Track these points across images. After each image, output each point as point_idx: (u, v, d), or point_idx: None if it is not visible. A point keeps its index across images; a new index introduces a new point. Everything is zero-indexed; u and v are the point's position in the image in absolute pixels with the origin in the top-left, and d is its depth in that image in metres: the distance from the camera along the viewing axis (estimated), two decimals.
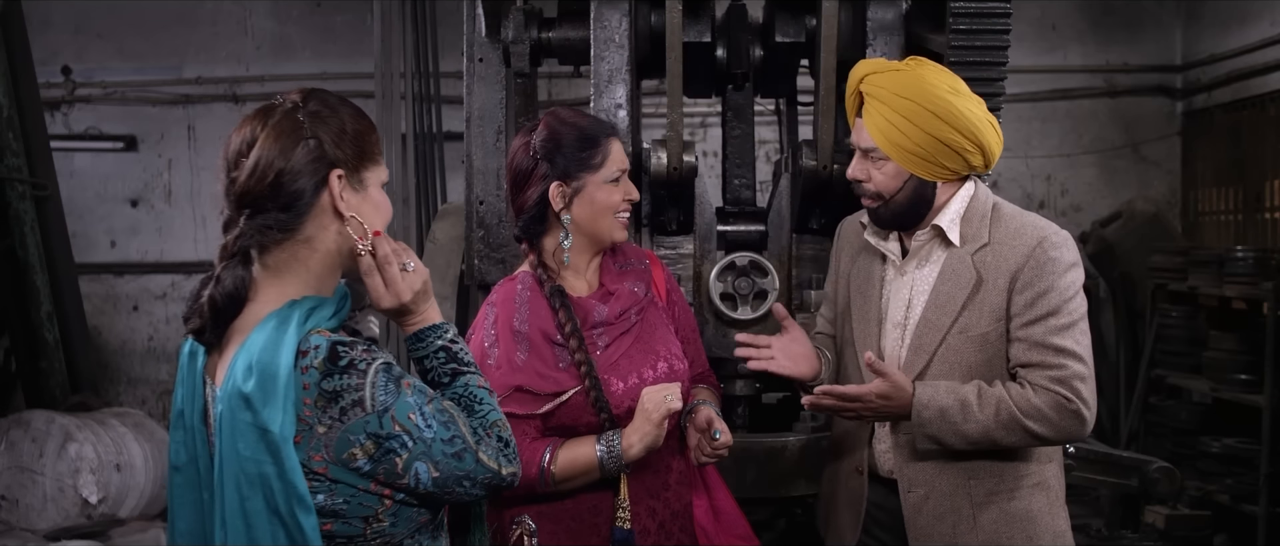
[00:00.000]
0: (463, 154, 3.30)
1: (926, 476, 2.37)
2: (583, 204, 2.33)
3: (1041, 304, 2.26)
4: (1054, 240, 2.30)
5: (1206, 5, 7.68)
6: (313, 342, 1.61)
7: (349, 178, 1.71)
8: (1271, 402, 5.47)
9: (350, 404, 1.60)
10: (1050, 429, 2.25)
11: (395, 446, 1.63)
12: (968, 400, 2.25)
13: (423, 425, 1.65)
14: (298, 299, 1.67)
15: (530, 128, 2.38)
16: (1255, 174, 7.18)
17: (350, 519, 1.66)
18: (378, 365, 1.63)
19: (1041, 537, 2.35)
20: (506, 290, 2.37)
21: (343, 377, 1.60)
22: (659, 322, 2.44)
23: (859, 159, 2.38)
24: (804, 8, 3.28)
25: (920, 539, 2.37)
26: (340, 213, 1.70)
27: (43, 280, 5.96)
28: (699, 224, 3.20)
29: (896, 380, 2.25)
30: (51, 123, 7.73)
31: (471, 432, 1.71)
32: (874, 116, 2.32)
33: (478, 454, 1.70)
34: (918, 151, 2.29)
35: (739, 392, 3.18)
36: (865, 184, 2.37)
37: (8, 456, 5.18)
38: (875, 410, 2.30)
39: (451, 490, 1.70)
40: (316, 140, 1.68)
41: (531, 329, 2.29)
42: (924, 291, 2.38)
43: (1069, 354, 2.25)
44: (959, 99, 2.29)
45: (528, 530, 2.29)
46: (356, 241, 1.71)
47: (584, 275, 2.41)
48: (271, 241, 1.69)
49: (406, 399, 1.64)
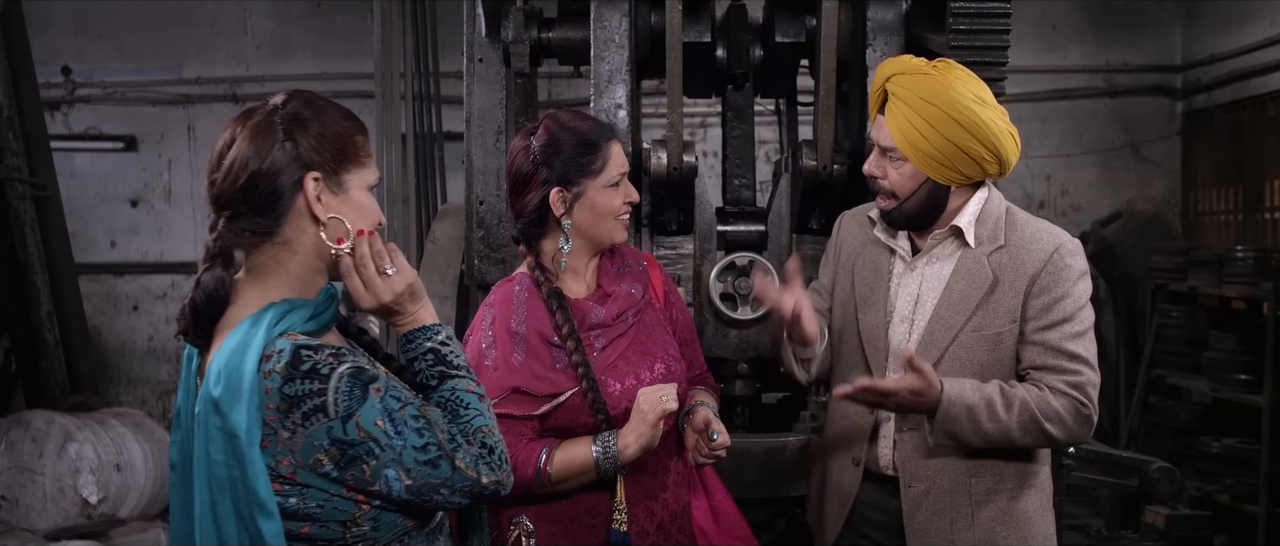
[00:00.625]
0: (463, 154, 3.30)
1: (929, 472, 2.38)
2: (583, 209, 2.32)
3: (1058, 309, 2.30)
4: (1070, 247, 2.35)
5: (1206, 5, 7.68)
6: (278, 346, 1.60)
7: (327, 180, 1.69)
8: (1271, 403, 5.47)
9: (312, 409, 1.59)
10: (1064, 432, 2.29)
11: (361, 453, 1.61)
12: (993, 400, 2.27)
13: (391, 431, 1.62)
14: (276, 301, 1.67)
15: (530, 130, 2.36)
16: (1255, 174, 7.18)
17: (327, 523, 1.65)
18: (343, 370, 1.61)
19: (1034, 539, 2.38)
20: (504, 291, 2.37)
21: (304, 382, 1.59)
22: (656, 324, 2.44)
23: (877, 156, 2.39)
24: (804, 8, 3.28)
25: (917, 535, 2.38)
26: (316, 216, 1.69)
27: (43, 280, 5.96)
28: (699, 224, 3.20)
29: (930, 377, 2.25)
30: (51, 123, 7.72)
31: (449, 439, 1.67)
32: (897, 117, 2.31)
33: (454, 461, 1.66)
34: (937, 156, 2.30)
35: (738, 393, 3.18)
36: (881, 181, 2.38)
37: (8, 456, 5.18)
38: (903, 404, 2.31)
39: (429, 498, 1.67)
40: (292, 142, 1.67)
41: (529, 330, 2.29)
42: (934, 288, 2.39)
43: (1083, 361, 2.30)
44: (984, 109, 2.30)
45: (526, 530, 2.29)
46: (330, 244, 1.70)
47: (582, 277, 2.41)
48: (250, 243, 1.70)
49: (373, 405, 1.61)
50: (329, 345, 1.65)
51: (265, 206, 1.67)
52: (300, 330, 1.66)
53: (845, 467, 2.50)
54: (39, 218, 5.98)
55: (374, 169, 1.78)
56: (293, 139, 1.68)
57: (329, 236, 1.70)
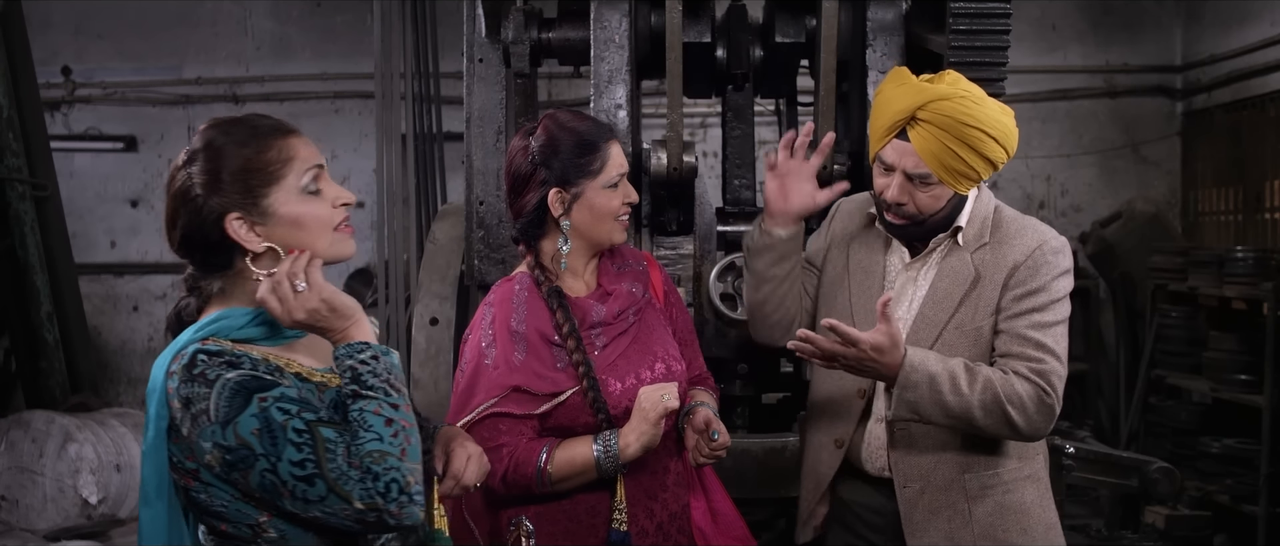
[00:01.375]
0: (463, 154, 3.30)
1: (922, 471, 2.38)
2: (582, 209, 2.31)
3: (1030, 299, 2.31)
4: (1053, 244, 2.35)
5: (1206, 5, 7.68)
6: (188, 350, 1.67)
7: (247, 215, 1.72)
8: (1271, 403, 5.47)
9: (199, 412, 1.64)
10: (1025, 419, 2.26)
11: (238, 460, 1.63)
12: (956, 373, 2.26)
13: (267, 442, 1.62)
14: (217, 312, 1.75)
15: (528, 130, 2.36)
16: (1255, 174, 7.18)
17: (236, 524, 1.70)
18: (230, 377, 1.64)
19: (1035, 530, 2.38)
20: (504, 291, 2.37)
21: (193, 386, 1.64)
22: (656, 324, 2.44)
23: (901, 183, 2.33)
24: (804, 8, 3.28)
25: (916, 534, 2.38)
26: (253, 249, 1.73)
27: (43, 280, 5.96)
28: (699, 224, 3.20)
29: (895, 335, 2.22)
30: (51, 123, 7.73)
31: (330, 458, 1.63)
32: (929, 142, 2.27)
33: (331, 482, 1.62)
34: (967, 172, 2.30)
35: (738, 393, 3.18)
36: (904, 206, 2.35)
37: (8, 456, 5.18)
38: (863, 362, 2.25)
39: (314, 515, 1.65)
40: (203, 193, 1.72)
41: (529, 329, 2.29)
42: (926, 290, 2.41)
43: (1049, 350, 2.29)
44: (1004, 115, 2.33)
45: (526, 531, 2.29)
46: (257, 273, 1.74)
47: (582, 276, 2.41)
48: (217, 275, 1.79)
49: (252, 414, 1.63)
50: (230, 352, 1.69)
51: (210, 254, 1.76)
52: (232, 336, 1.72)
53: (825, 448, 2.49)
54: (39, 218, 5.99)
55: (300, 168, 1.76)
56: (202, 191, 1.72)
57: (256, 267, 1.74)
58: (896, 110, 2.30)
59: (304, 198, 1.75)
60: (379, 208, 5.93)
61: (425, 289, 3.42)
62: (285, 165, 1.74)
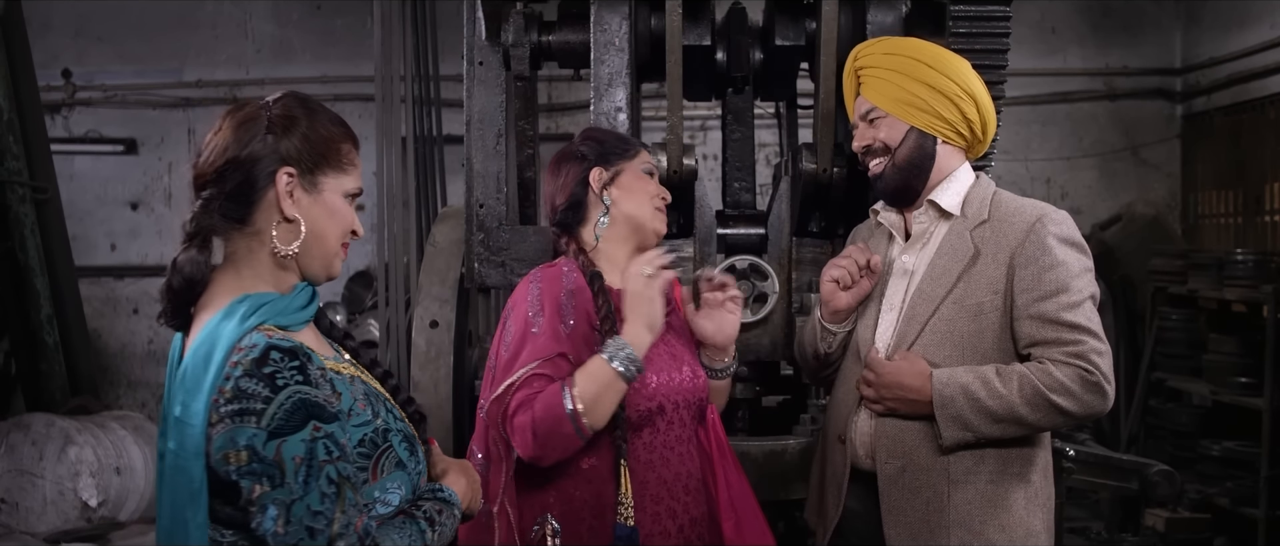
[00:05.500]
0: (463, 157, 3.30)
1: (905, 448, 2.34)
2: (621, 188, 2.44)
3: (1047, 280, 2.26)
4: (1054, 217, 2.33)
5: (1206, 8, 7.68)
6: (253, 340, 1.60)
7: (301, 178, 1.71)
8: (1271, 406, 5.47)
9: (248, 409, 1.55)
10: (1075, 403, 2.22)
11: (264, 473, 1.55)
12: (988, 376, 2.25)
13: (299, 475, 1.55)
14: (250, 294, 1.67)
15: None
16: (1255, 177, 7.18)
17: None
18: (297, 391, 1.57)
19: (1014, 530, 2.31)
20: (552, 271, 2.41)
21: (256, 383, 1.56)
22: (682, 330, 2.51)
23: (863, 127, 2.45)
24: (804, 11, 3.28)
25: (893, 511, 2.34)
26: (284, 211, 1.70)
27: (43, 283, 5.97)
28: (699, 227, 3.20)
29: (908, 364, 2.27)
30: (52, 126, 7.73)
31: (344, 526, 1.58)
32: (870, 83, 2.43)
33: (333, 543, 1.57)
34: (914, 101, 2.37)
35: (738, 396, 3.18)
36: (871, 146, 2.43)
37: (7, 459, 5.18)
38: (883, 399, 2.32)
39: None
40: (273, 136, 1.70)
41: (576, 306, 2.33)
42: (923, 271, 2.41)
43: (1083, 329, 2.24)
44: (945, 51, 2.45)
45: (552, 530, 2.30)
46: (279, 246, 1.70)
47: (620, 267, 2.42)
48: (224, 229, 1.71)
49: (302, 439, 1.56)
50: (302, 354, 1.61)
51: (238, 193, 1.69)
52: (277, 324, 1.66)
53: (833, 447, 2.49)
54: (39, 220, 5.99)
55: (356, 178, 1.79)
56: (274, 133, 1.70)
57: (280, 238, 1.70)
58: (847, 71, 2.50)
59: (343, 201, 1.77)
60: (379, 210, 5.92)
61: (425, 292, 3.42)
62: (350, 166, 1.78)
